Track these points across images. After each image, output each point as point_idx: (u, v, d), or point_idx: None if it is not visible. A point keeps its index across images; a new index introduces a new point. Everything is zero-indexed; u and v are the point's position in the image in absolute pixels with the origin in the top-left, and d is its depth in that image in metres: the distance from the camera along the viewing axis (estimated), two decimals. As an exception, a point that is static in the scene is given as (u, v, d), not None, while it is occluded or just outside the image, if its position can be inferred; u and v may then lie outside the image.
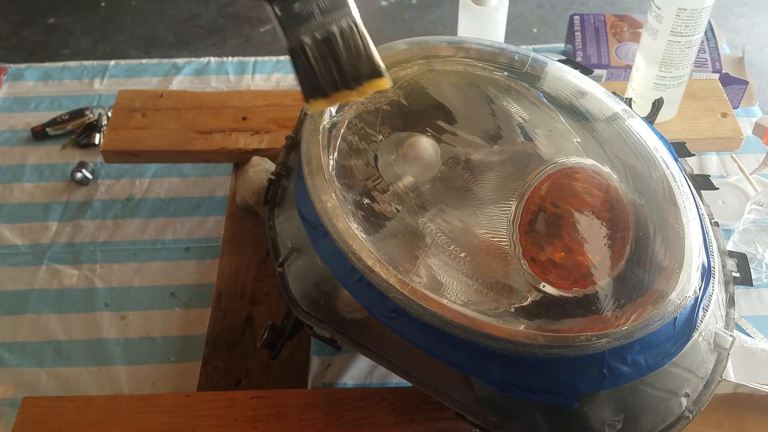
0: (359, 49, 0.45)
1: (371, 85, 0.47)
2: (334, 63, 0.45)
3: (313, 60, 0.45)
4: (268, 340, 0.60)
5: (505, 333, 0.48)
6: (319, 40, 0.45)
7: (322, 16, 0.44)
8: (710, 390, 0.54)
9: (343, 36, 0.45)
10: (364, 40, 0.45)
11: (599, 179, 0.58)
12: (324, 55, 0.45)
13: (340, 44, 0.45)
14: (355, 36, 0.45)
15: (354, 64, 0.45)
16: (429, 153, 0.60)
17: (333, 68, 0.45)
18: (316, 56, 0.45)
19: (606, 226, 0.55)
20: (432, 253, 0.54)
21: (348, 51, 0.45)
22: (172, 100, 0.89)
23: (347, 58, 0.45)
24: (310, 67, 0.45)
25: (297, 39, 0.45)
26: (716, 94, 0.90)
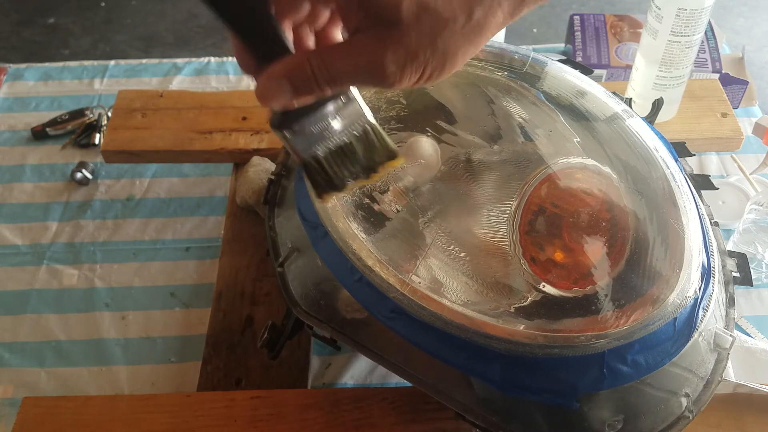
0: (374, 145, 0.43)
1: (385, 167, 0.45)
2: (350, 164, 0.44)
3: (327, 167, 0.43)
4: (268, 340, 0.60)
5: (505, 333, 0.48)
6: (334, 151, 0.43)
7: (337, 128, 0.42)
8: (710, 390, 0.54)
9: (358, 140, 0.43)
10: (378, 135, 0.43)
11: (599, 179, 0.58)
12: (339, 160, 0.43)
13: (356, 148, 0.43)
14: (370, 137, 0.43)
15: (369, 158, 0.44)
16: (429, 153, 0.60)
17: (348, 168, 0.44)
18: (330, 163, 0.43)
19: (606, 226, 0.55)
20: (432, 253, 0.54)
21: (364, 151, 0.43)
22: (172, 100, 0.89)
23: (363, 157, 0.44)
24: (324, 172, 0.43)
25: (311, 155, 0.43)
26: (716, 94, 0.90)
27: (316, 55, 0.37)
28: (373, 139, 0.43)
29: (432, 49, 0.35)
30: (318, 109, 0.41)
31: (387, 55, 0.35)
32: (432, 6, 0.33)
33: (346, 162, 0.43)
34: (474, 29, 0.35)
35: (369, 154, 0.44)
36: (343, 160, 0.43)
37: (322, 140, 0.42)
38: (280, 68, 0.37)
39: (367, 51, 0.35)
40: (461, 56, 0.36)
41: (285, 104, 0.39)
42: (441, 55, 0.35)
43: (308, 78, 0.37)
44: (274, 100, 0.38)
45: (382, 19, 0.34)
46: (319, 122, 0.42)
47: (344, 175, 0.44)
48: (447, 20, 0.34)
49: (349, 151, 0.43)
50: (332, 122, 0.42)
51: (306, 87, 0.37)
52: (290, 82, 0.37)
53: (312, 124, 0.42)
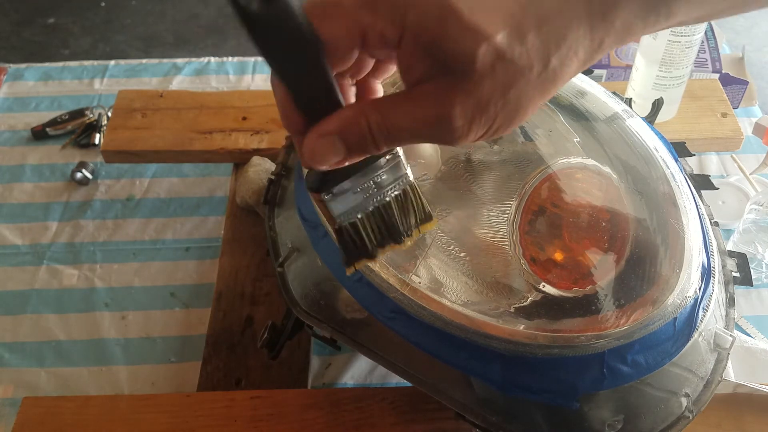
0: (411, 207, 0.40)
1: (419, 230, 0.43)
2: (385, 227, 0.40)
3: (363, 232, 0.40)
4: (268, 340, 0.60)
5: (505, 333, 0.48)
6: (371, 213, 0.39)
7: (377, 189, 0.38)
8: (710, 390, 0.54)
9: (396, 202, 0.39)
10: (417, 196, 0.40)
11: (599, 179, 0.58)
12: (375, 224, 0.40)
13: (395, 210, 0.40)
14: (409, 198, 0.40)
15: (404, 221, 0.41)
16: (429, 153, 0.60)
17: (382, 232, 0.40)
18: (365, 228, 0.40)
19: (606, 226, 0.55)
20: (432, 253, 0.54)
21: (400, 213, 0.40)
22: (172, 100, 0.89)
23: (398, 220, 0.40)
24: (359, 239, 0.40)
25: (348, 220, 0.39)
26: (716, 94, 0.90)
27: (373, 109, 0.33)
28: (412, 200, 0.40)
29: (504, 101, 0.32)
30: (362, 169, 0.37)
31: (455, 108, 0.31)
32: (509, 55, 0.30)
33: (381, 226, 0.40)
34: (548, 79, 0.32)
35: (405, 217, 0.41)
36: (378, 225, 0.40)
37: (361, 203, 0.39)
38: (333, 125, 0.33)
39: (433, 103, 0.32)
40: (531, 108, 0.33)
41: (336, 165, 0.35)
42: (512, 108, 0.32)
43: (364, 136, 0.33)
44: (324, 161, 0.34)
45: (452, 69, 0.31)
46: (362, 184, 0.38)
47: (377, 241, 0.41)
48: (522, 69, 0.31)
49: (386, 214, 0.40)
50: (374, 183, 0.38)
51: (361, 146, 0.33)
52: (344, 140, 0.33)
53: (355, 187, 0.38)
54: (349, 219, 0.39)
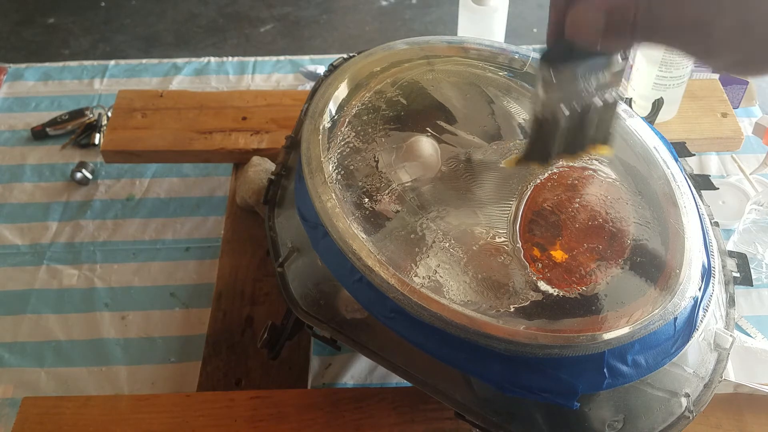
0: (608, 121, 0.40)
1: (592, 149, 0.42)
2: (574, 134, 0.40)
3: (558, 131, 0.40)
4: (268, 340, 0.60)
5: (505, 333, 0.48)
6: (577, 112, 0.39)
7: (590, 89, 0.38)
8: (710, 390, 0.55)
9: (600, 110, 0.39)
10: (614, 112, 0.40)
11: (599, 179, 0.58)
12: (573, 126, 0.40)
13: (594, 117, 0.39)
14: (610, 110, 0.40)
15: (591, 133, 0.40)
16: (429, 153, 0.60)
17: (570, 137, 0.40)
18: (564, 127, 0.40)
19: (606, 226, 0.55)
20: (432, 253, 0.54)
21: (597, 123, 0.40)
22: (172, 100, 0.89)
23: (590, 130, 0.40)
24: (551, 137, 0.40)
25: (556, 109, 0.39)
26: (716, 94, 0.90)
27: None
28: (610, 114, 0.39)
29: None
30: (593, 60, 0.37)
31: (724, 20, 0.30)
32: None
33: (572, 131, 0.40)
34: None
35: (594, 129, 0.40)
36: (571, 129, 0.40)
37: (575, 97, 0.38)
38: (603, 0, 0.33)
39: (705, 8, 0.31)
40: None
41: (587, 40, 0.35)
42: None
43: (626, 20, 0.33)
44: (580, 31, 0.34)
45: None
46: (587, 75, 0.38)
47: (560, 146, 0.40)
48: None
49: (583, 121, 0.39)
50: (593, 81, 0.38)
51: (619, 30, 0.33)
52: (607, 18, 0.33)
53: (581, 75, 0.38)
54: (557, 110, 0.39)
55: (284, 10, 1.95)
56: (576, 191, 0.57)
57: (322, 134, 0.59)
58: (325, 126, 0.60)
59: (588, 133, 0.41)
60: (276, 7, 1.95)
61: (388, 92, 0.64)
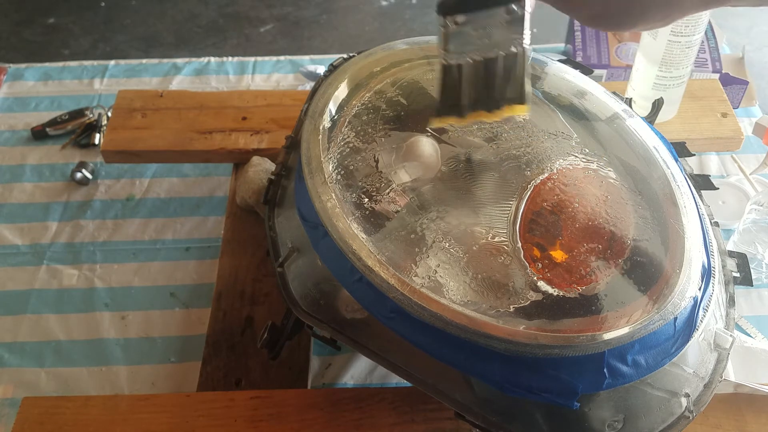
0: (515, 75, 0.41)
1: (509, 110, 0.42)
2: (484, 85, 0.41)
3: (465, 79, 0.41)
4: (268, 340, 0.60)
5: (505, 333, 0.48)
6: (480, 62, 0.40)
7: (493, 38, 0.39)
8: (710, 390, 0.54)
9: (506, 60, 0.40)
10: (522, 66, 0.40)
11: (599, 179, 0.58)
12: (478, 76, 0.41)
13: (500, 68, 0.40)
14: (518, 62, 0.40)
15: (503, 88, 0.41)
16: (429, 153, 0.60)
17: (480, 89, 0.41)
18: (469, 76, 0.41)
19: (606, 226, 0.55)
20: (432, 253, 0.54)
21: (504, 75, 0.41)
22: (172, 100, 0.89)
23: (500, 82, 0.41)
24: (458, 85, 0.41)
25: (458, 56, 0.40)
26: (716, 94, 0.90)
27: None
28: (518, 67, 0.40)
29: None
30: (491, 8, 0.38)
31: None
32: None
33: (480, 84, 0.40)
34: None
35: (503, 84, 0.40)
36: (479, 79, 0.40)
37: (476, 46, 0.39)
38: None
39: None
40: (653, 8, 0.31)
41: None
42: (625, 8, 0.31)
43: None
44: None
45: None
46: (485, 24, 0.39)
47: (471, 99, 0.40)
48: None
49: (490, 71, 0.40)
50: (495, 30, 0.39)
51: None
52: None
53: (478, 23, 0.39)
54: (459, 59, 0.39)
55: (284, 10, 1.95)
56: (576, 191, 0.57)
57: (322, 134, 0.59)
58: (325, 126, 0.60)
59: (498, 86, 0.41)
60: (276, 7, 1.95)
61: (388, 92, 0.64)
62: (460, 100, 0.41)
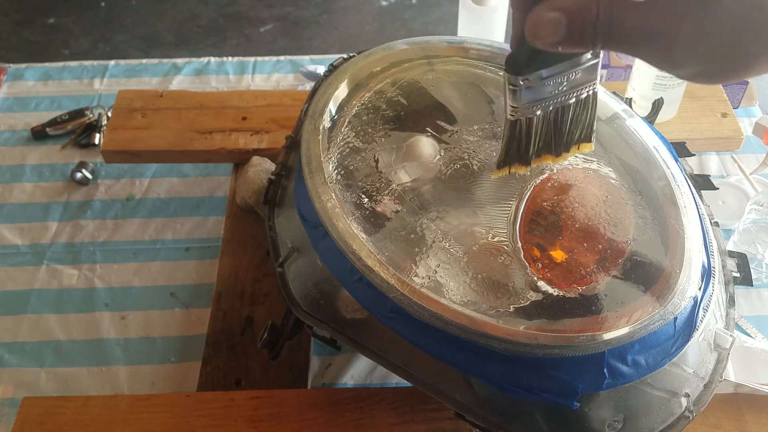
0: (583, 117, 0.39)
1: (577, 148, 0.41)
2: (554, 132, 0.39)
3: (534, 132, 0.39)
4: (268, 340, 0.60)
5: (505, 333, 0.48)
6: (551, 112, 0.38)
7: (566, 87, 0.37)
8: (710, 390, 0.54)
9: (577, 107, 0.38)
10: (593, 107, 0.39)
11: (599, 179, 0.58)
12: (548, 127, 0.39)
13: (570, 115, 0.38)
14: (589, 107, 0.39)
15: (573, 132, 0.39)
16: (429, 153, 0.60)
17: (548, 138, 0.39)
18: (539, 128, 0.39)
19: (606, 226, 0.55)
20: (432, 253, 0.54)
21: (574, 121, 0.39)
22: (172, 100, 0.89)
23: (570, 128, 0.39)
24: (527, 138, 0.39)
25: (527, 112, 0.38)
26: (716, 94, 0.90)
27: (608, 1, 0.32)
28: (588, 110, 0.38)
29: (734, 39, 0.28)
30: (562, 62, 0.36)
31: (684, 25, 0.29)
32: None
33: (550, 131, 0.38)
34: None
35: (575, 127, 0.39)
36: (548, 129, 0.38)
37: (548, 99, 0.37)
38: (565, 3, 0.32)
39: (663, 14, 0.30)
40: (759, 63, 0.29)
41: (548, 44, 0.33)
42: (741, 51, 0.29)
43: (588, 23, 0.32)
44: (542, 36, 0.33)
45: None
46: (557, 78, 0.37)
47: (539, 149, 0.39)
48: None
49: (561, 118, 0.38)
50: (565, 80, 0.37)
51: (581, 33, 0.32)
52: (568, 21, 0.32)
53: (550, 78, 0.36)
54: (528, 113, 0.37)
55: (284, 10, 1.95)
56: (576, 191, 0.57)
57: (322, 134, 0.59)
58: (325, 126, 0.60)
59: (567, 132, 0.40)
60: (276, 7, 1.95)
61: (388, 92, 0.64)
62: (527, 151, 0.40)
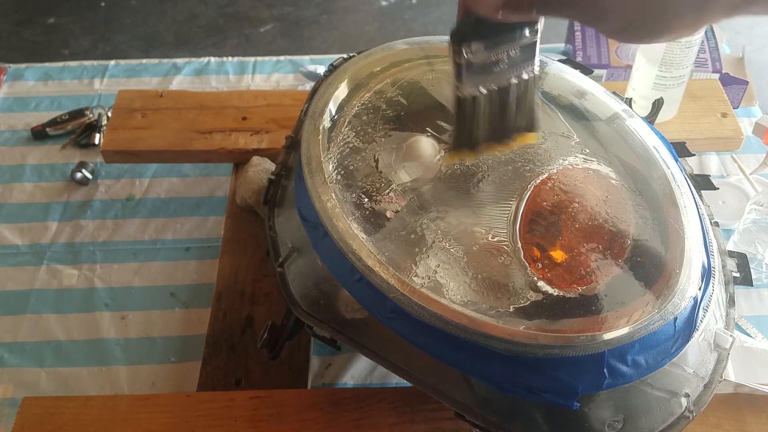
0: (526, 102, 0.41)
1: (520, 138, 0.43)
2: (498, 115, 0.41)
3: (479, 111, 0.41)
4: (268, 340, 0.60)
5: (505, 333, 0.48)
6: (495, 91, 0.40)
7: (506, 66, 0.39)
8: (710, 390, 0.54)
9: (518, 87, 0.40)
10: (532, 92, 0.41)
11: (599, 179, 0.58)
12: (492, 107, 0.41)
13: (513, 97, 0.40)
14: (530, 89, 0.41)
15: (515, 117, 0.41)
16: (429, 153, 0.60)
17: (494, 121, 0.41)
18: (485, 107, 0.41)
19: (606, 226, 0.55)
20: (432, 253, 0.54)
21: (517, 103, 0.41)
22: (172, 100, 0.89)
23: (513, 110, 0.41)
24: (473, 117, 0.41)
25: (473, 88, 0.40)
26: (716, 94, 0.90)
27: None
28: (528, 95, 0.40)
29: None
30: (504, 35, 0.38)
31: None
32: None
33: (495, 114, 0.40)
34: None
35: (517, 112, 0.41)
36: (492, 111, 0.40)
37: (491, 74, 0.39)
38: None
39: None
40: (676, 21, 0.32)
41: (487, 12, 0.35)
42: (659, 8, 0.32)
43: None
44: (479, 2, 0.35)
45: None
46: (500, 50, 0.38)
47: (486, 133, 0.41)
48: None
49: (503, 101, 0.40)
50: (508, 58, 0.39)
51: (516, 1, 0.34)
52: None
53: (492, 50, 0.38)
54: (473, 91, 0.39)
55: (284, 10, 1.95)
56: (576, 191, 0.57)
57: (322, 134, 0.59)
58: (325, 126, 0.60)
59: (511, 116, 0.42)
60: (276, 7, 1.95)
61: (388, 92, 0.64)
62: (475, 133, 0.41)
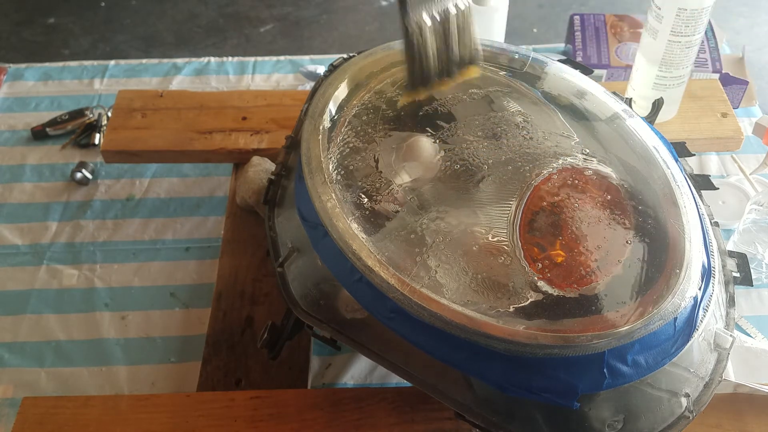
0: (467, 30, 0.44)
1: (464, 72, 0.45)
2: (444, 46, 0.44)
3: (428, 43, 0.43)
4: (268, 340, 0.60)
5: (505, 333, 0.48)
6: (437, 21, 0.43)
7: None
8: (710, 390, 0.54)
9: (458, 16, 0.43)
10: (469, 22, 0.43)
11: (599, 179, 0.58)
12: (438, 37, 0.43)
13: (455, 25, 0.43)
14: (467, 16, 0.43)
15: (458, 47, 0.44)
16: (429, 153, 0.60)
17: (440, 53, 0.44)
18: (431, 39, 0.43)
19: (606, 226, 0.55)
20: (432, 253, 0.54)
21: (459, 32, 0.44)
22: (172, 100, 0.89)
23: (457, 40, 0.44)
24: (424, 51, 0.43)
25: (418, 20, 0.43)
26: (716, 94, 0.90)
27: None
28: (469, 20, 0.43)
29: None
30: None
31: None
32: None
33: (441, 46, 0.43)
34: None
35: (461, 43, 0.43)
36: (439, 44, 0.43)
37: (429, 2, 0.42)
38: None
39: None
40: None
41: None
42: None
43: None
44: None
45: None
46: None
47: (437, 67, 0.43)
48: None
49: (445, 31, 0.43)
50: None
51: None
52: None
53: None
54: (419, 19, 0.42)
55: (284, 10, 1.95)
56: (576, 191, 0.57)
57: (322, 134, 0.59)
58: (325, 126, 0.60)
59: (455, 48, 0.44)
60: (276, 7, 1.95)
61: (388, 92, 0.64)
62: (425, 68, 0.43)
